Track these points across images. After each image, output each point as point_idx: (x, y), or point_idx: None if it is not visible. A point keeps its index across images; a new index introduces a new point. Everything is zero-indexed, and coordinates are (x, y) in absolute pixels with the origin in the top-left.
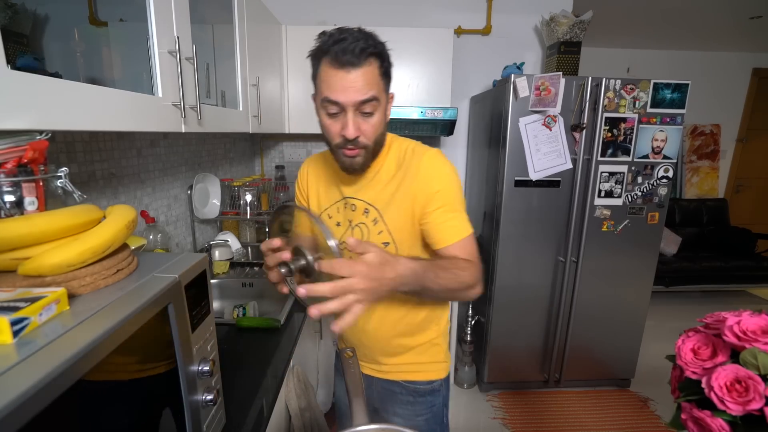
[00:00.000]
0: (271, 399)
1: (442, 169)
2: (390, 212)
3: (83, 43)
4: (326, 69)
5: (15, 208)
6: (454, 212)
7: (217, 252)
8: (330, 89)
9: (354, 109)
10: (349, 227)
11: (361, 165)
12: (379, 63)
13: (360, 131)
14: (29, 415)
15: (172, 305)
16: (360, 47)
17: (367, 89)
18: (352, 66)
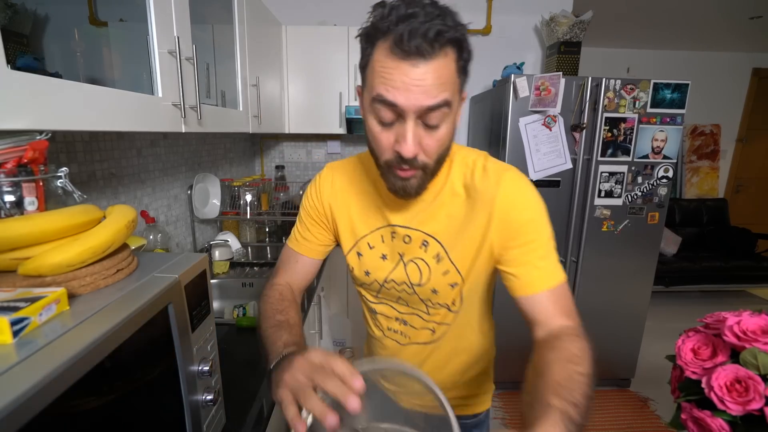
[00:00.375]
0: (271, 399)
1: (529, 194)
2: (458, 247)
3: (83, 43)
4: (383, 57)
5: (15, 208)
6: (545, 251)
7: (217, 252)
8: (387, 84)
9: (416, 117)
10: (400, 262)
11: (416, 189)
12: (457, 54)
13: (421, 148)
14: (29, 415)
15: (172, 305)
16: (436, 30)
17: (438, 91)
18: (422, 57)
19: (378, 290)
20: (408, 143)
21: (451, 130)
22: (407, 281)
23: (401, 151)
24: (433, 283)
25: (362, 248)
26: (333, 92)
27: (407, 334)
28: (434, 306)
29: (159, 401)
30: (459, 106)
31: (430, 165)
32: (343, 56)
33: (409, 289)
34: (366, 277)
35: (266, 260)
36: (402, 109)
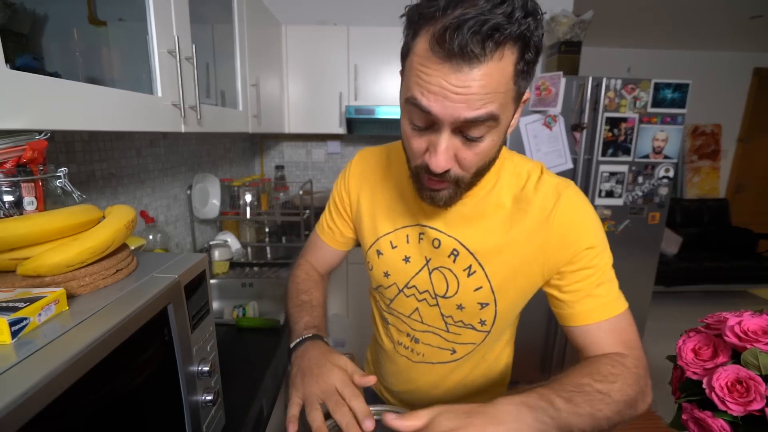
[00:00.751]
0: (271, 399)
1: (590, 216)
2: (496, 263)
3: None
4: (423, 51)
5: (14, 208)
6: (603, 278)
7: (217, 252)
8: (422, 87)
9: (453, 128)
10: (425, 267)
11: (445, 201)
12: (518, 54)
13: (455, 160)
14: (28, 415)
15: (171, 305)
16: (492, 24)
17: (482, 102)
18: (467, 60)
19: (394, 297)
20: (439, 157)
21: (498, 142)
22: (431, 290)
23: (430, 163)
24: (460, 298)
25: (383, 246)
26: (333, 92)
27: (420, 352)
28: (456, 324)
29: (158, 402)
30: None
31: (465, 179)
32: (343, 56)
33: (431, 299)
34: (385, 279)
35: (266, 260)
36: (438, 119)
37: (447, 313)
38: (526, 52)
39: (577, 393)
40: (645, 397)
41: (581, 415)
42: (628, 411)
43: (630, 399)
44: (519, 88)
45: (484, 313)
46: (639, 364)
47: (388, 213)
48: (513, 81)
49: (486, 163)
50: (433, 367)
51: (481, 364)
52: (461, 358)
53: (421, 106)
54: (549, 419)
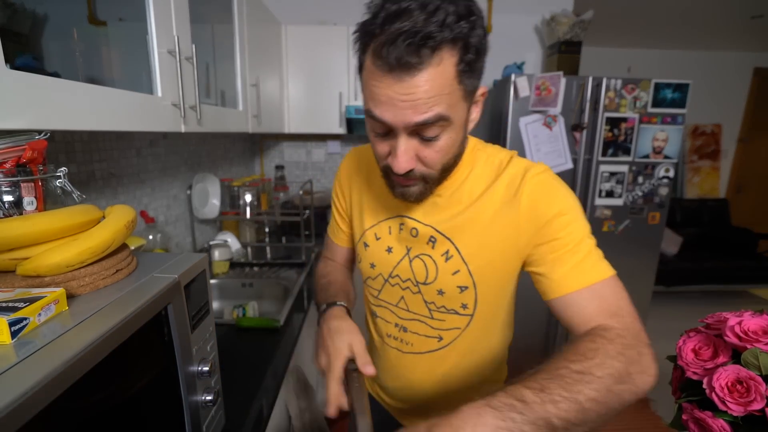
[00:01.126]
0: (271, 399)
1: (557, 188)
2: (472, 246)
3: (82, 43)
4: (370, 65)
5: (14, 208)
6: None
7: (217, 252)
8: (373, 99)
9: (408, 132)
10: (406, 256)
11: (417, 197)
12: (459, 55)
13: (417, 159)
14: (28, 415)
15: (171, 305)
16: (422, 35)
17: (428, 106)
18: (407, 70)
19: (381, 287)
20: (399, 159)
21: (456, 139)
22: (412, 278)
23: (392, 166)
24: (440, 283)
25: (369, 239)
26: (333, 92)
27: (409, 342)
28: (439, 310)
29: (158, 402)
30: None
31: (432, 175)
32: (343, 56)
33: (414, 287)
34: (371, 270)
35: (266, 260)
36: (391, 125)
37: (429, 299)
38: (465, 53)
39: (550, 380)
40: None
41: (557, 401)
42: (620, 386)
43: (617, 372)
44: (465, 87)
45: (465, 297)
46: (627, 332)
47: (373, 207)
48: (457, 81)
49: (450, 159)
50: (422, 357)
51: (470, 355)
52: (448, 344)
53: (375, 116)
54: (517, 415)
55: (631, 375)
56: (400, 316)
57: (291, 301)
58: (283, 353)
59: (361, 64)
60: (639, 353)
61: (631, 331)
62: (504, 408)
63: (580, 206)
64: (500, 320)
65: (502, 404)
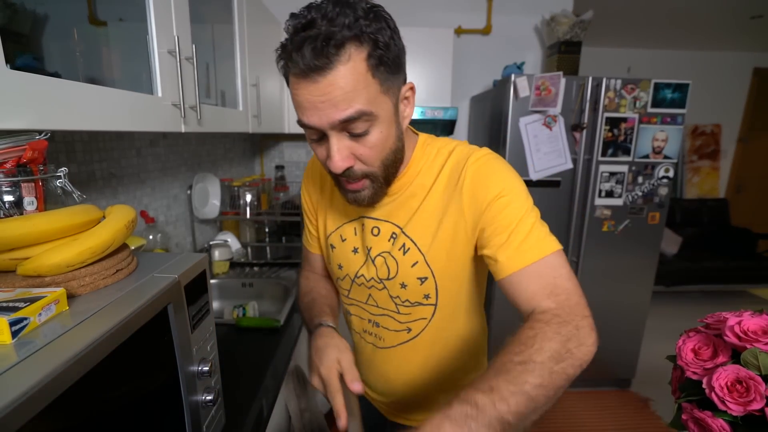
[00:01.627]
0: (271, 399)
1: (495, 169)
2: (426, 236)
3: (82, 43)
4: (291, 78)
5: (14, 208)
6: (519, 225)
7: (217, 252)
8: (299, 108)
9: (337, 131)
10: (368, 256)
11: (369, 199)
12: (367, 51)
13: (353, 157)
14: (28, 415)
15: (171, 305)
16: (324, 36)
17: (347, 103)
18: (319, 70)
19: (350, 287)
20: (334, 158)
21: (388, 133)
22: (376, 276)
23: (329, 167)
24: (401, 277)
25: (335, 241)
26: None
27: (381, 336)
28: (404, 304)
29: (159, 402)
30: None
31: (375, 172)
32: None
33: (378, 284)
34: (339, 271)
35: (266, 260)
36: (320, 129)
37: (394, 294)
38: (373, 48)
39: (497, 377)
40: (581, 340)
41: (506, 398)
42: (562, 364)
43: (555, 353)
44: (381, 81)
45: (426, 288)
46: (562, 310)
47: (337, 209)
48: (370, 75)
49: (388, 154)
50: (395, 350)
51: (440, 344)
52: (417, 335)
53: (304, 123)
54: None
55: (570, 351)
56: (371, 312)
57: (291, 301)
58: (283, 353)
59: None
60: (576, 327)
61: (566, 308)
62: (460, 418)
63: (522, 184)
64: (464, 308)
65: (458, 414)
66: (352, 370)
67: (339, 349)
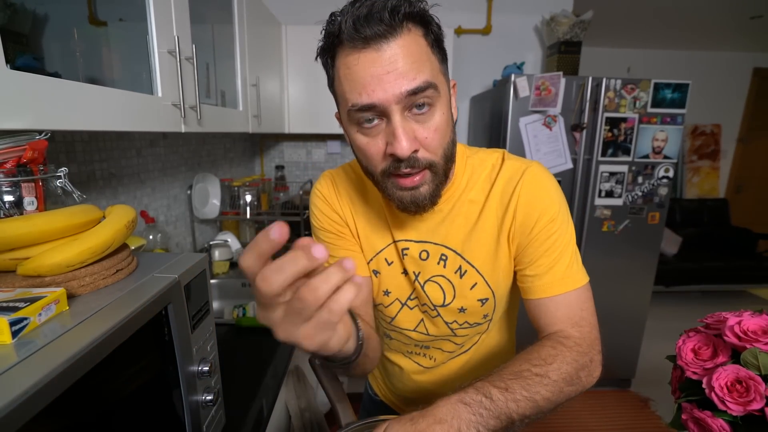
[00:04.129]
0: (271, 399)
1: (549, 190)
2: (482, 256)
3: (83, 43)
4: (345, 58)
5: (14, 208)
6: (561, 253)
7: (217, 252)
8: (357, 87)
9: (401, 109)
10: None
11: (430, 197)
12: (423, 30)
13: (418, 141)
14: (28, 415)
15: (171, 305)
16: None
17: (415, 72)
18: (384, 36)
19: (395, 314)
20: (400, 139)
21: (447, 117)
22: (429, 303)
23: (395, 151)
24: (459, 301)
25: (379, 266)
26: None
27: (433, 357)
28: (462, 327)
29: (159, 401)
30: (449, 93)
31: (437, 162)
32: None
33: (432, 311)
34: (385, 298)
35: None
36: (383, 107)
37: (450, 319)
38: (429, 26)
39: (514, 380)
40: (591, 371)
41: (518, 400)
42: (569, 388)
43: (568, 376)
44: (439, 61)
45: (486, 308)
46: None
47: (376, 232)
48: (430, 50)
49: (449, 144)
50: (443, 366)
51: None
52: (468, 350)
53: (364, 103)
54: (485, 411)
55: (580, 378)
56: (417, 340)
57: None
58: (283, 353)
59: (332, 79)
60: (590, 360)
61: (587, 340)
62: (474, 404)
63: (567, 208)
64: (509, 315)
65: (473, 400)
66: None
67: None
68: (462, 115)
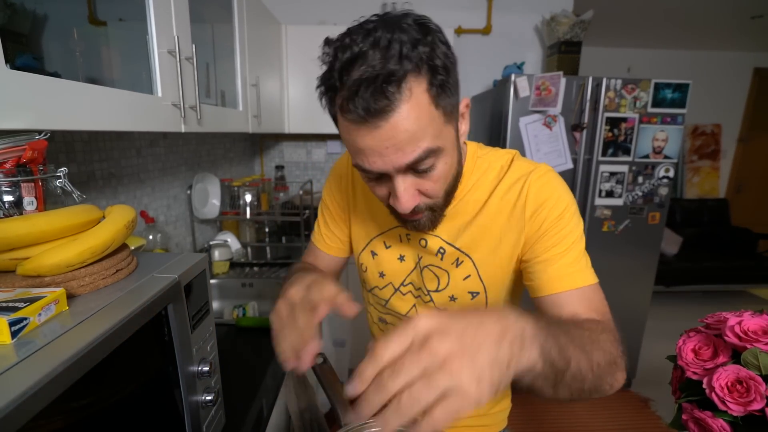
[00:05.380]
0: (271, 399)
1: (558, 189)
2: (482, 253)
3: (82, 43)
4: (342, 121)
5: (14, 208)
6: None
7: (217, 252)
8: (356, 152)
9: (403, 172)
10: (417, 266)
11: (430, 224)
12: (427, 80)
13: (419, 194)
14: (28, 415)
15: (171, 305)
16: (384, 76)
17: (413, 145)
18: (381, 115)
19: (390, 296)
20: (401, 200)
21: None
22: (423, 287)
23: (396, 207)
24: (451, 289)
25: (377, 247)
26: None
27: None
28: None
29: (158, 402)
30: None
31: (437, 203)
32: None
33: (425, 296)
34: (380, 280)
35: (266, 260)
36: (383, 172)
37: (441, 306)
38: (433, 76)
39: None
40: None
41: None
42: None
43: (612, 358)
44: (444, 109)
45: (476, 303)
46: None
47: (379, 214)
48: (434, 107)
49: (451, 182)
50: None
51: None
52: None
53: (366, 168)
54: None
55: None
56: None
57: None
58: None
59: (334, 117)
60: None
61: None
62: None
63: (576, 206)
64: None
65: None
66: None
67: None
68: None
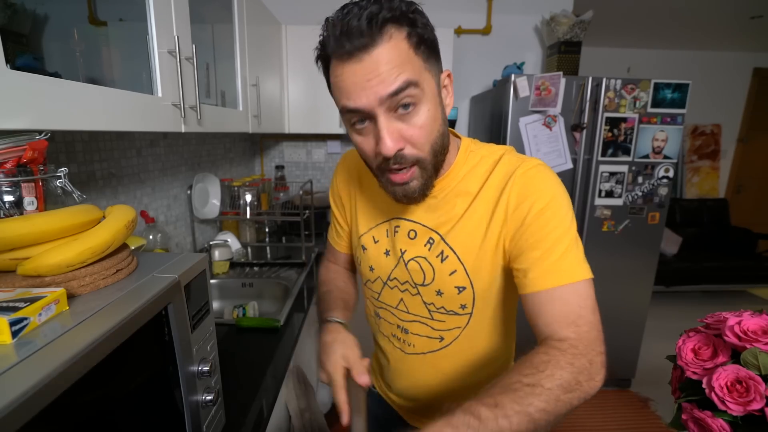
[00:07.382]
0: (271, 399)
1: (544, 182)
2: (466, 246)
3: (83, 43)
4: (334, 69)
5: (14, 208)
6: (556, 244)
7: (217, 252)
8: (344, 93)
9: (385, 111)
10: (401, 260)
11: (420, 190)
12: (407, 32)
13: (404, 140)
14: (28, 415)
15: (171, 305)
16: (368, 15)
17: (394, 76)
18: (363, 48)
19: (380, 290)
20: (385, 140)
21: (435, 112)
22: (410, 280)
23: (381, 151)
24: (437, 284)
25: (367, 242)
26: None
27: (411, 343)
28: (438, 311)
29: (159, 401)
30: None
31: (424, 158)
32: None
33: (413, 288)
34: (370, 273)
35: (266, 260)
36: (368, 110)
37: (428, 300)
38: (412, 26)
39: (504, 394)
40: (591, 375)
41: (510, 416)
42: (567, 395)
43: (565, 382)
44: (423, 58)
45: (463, 298)
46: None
47: (370, 209)
48: (413, 52)
49: (437, 138)
50: (424, 357)
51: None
52: (449, 344)
53: (350, 107)
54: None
55: (579, 383)
56: (401, 318)
57: (291, 301)
58: (283, 353)
59: (329, 83)
60: (590, 362)
61: (585, 340)
62: (461, 426)
63: (568, 200)
64: (499, 317)
65: (460, 422)
66: (359, 364)
67: (345, 345)
68: (462, 115)
